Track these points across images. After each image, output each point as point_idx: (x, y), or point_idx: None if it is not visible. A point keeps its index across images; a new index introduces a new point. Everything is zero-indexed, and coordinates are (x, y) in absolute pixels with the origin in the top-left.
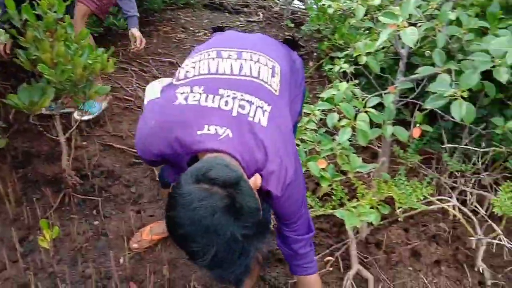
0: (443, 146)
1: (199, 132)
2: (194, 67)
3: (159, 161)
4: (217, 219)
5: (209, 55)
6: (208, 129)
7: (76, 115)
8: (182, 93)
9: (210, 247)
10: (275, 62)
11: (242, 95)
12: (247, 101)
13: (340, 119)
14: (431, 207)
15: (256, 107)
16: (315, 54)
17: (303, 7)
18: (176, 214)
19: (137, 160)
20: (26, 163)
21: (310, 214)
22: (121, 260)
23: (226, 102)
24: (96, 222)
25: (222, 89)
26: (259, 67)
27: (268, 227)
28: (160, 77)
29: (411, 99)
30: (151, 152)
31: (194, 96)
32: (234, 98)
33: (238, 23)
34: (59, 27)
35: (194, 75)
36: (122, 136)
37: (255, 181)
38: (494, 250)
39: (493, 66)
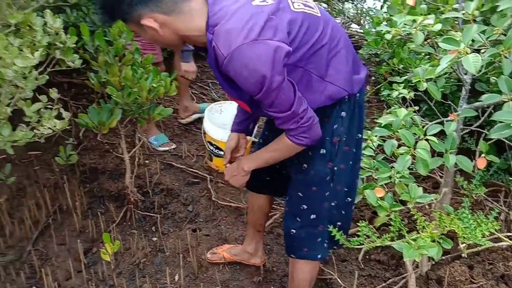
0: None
1: None
2: None
3: None
4: None
5: None
6: None
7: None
8: None
9: None
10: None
11: None
12: None
13: (398, 146)
14: (499, 244)
15: None
16: (373, 78)
17: (361, 30)
18: None
19: (195, 180)
20: (93, 178)
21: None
22: (176, 277)
23: None
24: (154, 239)
25: None
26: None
27: None
28: (219, 100)
29: (475, 127)
30: None
31: None
32: None
33: None
34: (127, 52)
35: None
36: (182, 155)
37: None
38: None
39: None
